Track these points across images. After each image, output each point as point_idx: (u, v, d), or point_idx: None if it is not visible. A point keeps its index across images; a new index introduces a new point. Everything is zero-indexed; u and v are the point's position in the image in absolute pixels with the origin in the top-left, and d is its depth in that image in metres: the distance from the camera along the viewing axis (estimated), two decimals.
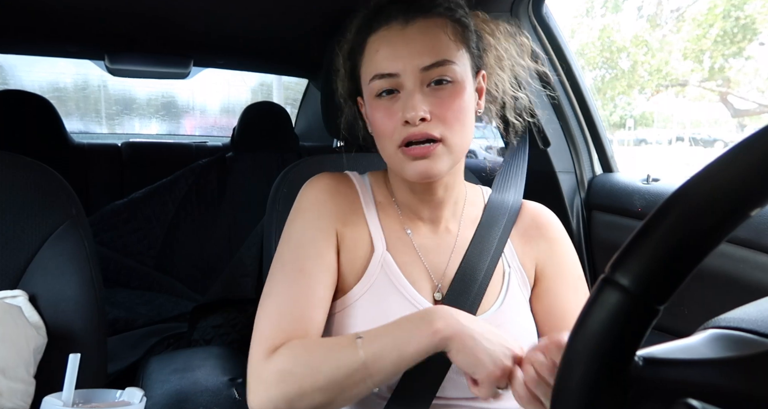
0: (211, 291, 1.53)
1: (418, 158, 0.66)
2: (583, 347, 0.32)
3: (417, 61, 0.65)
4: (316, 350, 0.62)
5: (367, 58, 0.69)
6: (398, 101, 0.66)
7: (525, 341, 0.71)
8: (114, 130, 3.47)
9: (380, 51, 0.67)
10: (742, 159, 0.29)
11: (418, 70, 0.65)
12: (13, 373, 0.76)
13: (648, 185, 1.21)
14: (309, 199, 0.75)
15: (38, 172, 0.93)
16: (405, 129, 0.65)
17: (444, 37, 0.66)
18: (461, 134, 0.67)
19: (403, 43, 0.66)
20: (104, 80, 3.33)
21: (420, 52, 0.65)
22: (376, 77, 0.67)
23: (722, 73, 8.68)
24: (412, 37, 0.65)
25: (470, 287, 0.72)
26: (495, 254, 0.76)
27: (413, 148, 0.65)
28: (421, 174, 0.66)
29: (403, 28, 0.66)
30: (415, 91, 0.65)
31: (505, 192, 0.85)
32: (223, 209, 2.17)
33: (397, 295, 0.71)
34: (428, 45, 0.65)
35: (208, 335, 1.42)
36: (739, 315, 0.37)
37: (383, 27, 0.67)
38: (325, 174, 0.78)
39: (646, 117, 10.93)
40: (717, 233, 0.29)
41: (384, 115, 0.67)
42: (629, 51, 9.48)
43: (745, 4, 7.77)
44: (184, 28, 1.77)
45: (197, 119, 3.70)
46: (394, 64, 0.65)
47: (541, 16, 1.32)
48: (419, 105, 0.64)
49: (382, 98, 0.67)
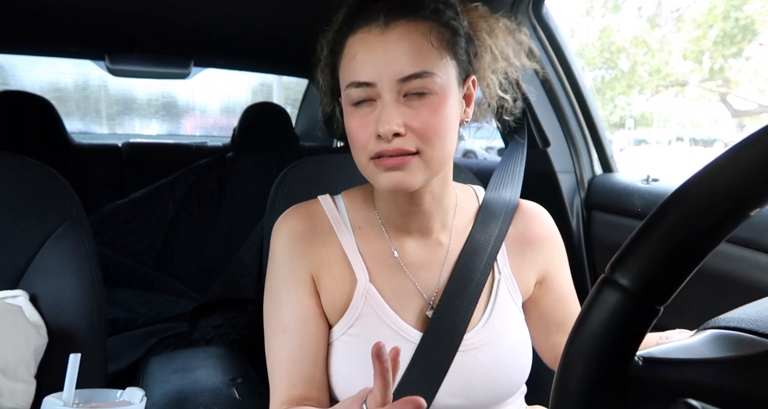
0: (211, 291, 1.53)
1: (390, 169, 0.62)
2: (583, 347, 0.32)
3: (395, 71, 0.60)
4: None
5: (344, 62, 0.64)
6: (374, 111, 0.62)
7: (518, 350, 0.72)
8: (114, 131, 3.47)
9: (357, 56, 0.62)
10: (742, 159, 0.29)
11: (395, 80, 0.60)
12: (13, 373, 0.76)
13: (648, 185, 1.21)
14: (279, 247, 0.72)
15: (38, 172, 0.93)
16: (378, 143, 0.61)
17: (426, 45, 0.61)
18: (440, 147, 0.63)
19: (381, 49, 0.60)
20: (104, 80, 3.33)
21: (399, 61, 0.60)
22: (352, 85, 0.62)
23: (722, 74, 8.68)
24: (392, 43, 0.60)
25: (461, 300, 0.70)
26: (488, 260, 0.73)
27: (384, 159, 0.61)
28: (394, 185, 0.62)
29: (383, 33, 0.61)
30: (391, 103, 0.60)
31: (501, 191, 0.83)
32: (223, 209, 2.17)
33: (383, 327, 0.69)
34: (408, 53, 0.60)
35: (208, 335, 1.42)
36: (739, 315, 0.37)
37: (363, 28, 0.62)
38: (292, 211, 0.74)
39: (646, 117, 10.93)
40: (717, 233, 0.29)
41: (358, 125, 0.63)
42: (629, 51, 9.48)
43: (744, 5, 7.77)
44: (184, 28, 1.77)
45: (197, 119, 3.70)
46: (371, 73, 0.60)
47: (541, 16, 1.32)
48: (393, 119, 0.59)
49: (358, 107, 0.63)
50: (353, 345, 0.69)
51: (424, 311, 0.71)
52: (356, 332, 0.69)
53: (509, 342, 0.72)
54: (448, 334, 0.69)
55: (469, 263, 0.72)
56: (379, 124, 0.60)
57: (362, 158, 0.65)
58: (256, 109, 2.25)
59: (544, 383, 1.04)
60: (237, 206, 2.17)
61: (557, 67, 1.35)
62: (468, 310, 0.70)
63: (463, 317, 0.70)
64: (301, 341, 0.69)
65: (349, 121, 0.64)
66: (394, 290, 0.71)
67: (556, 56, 1.35)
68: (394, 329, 0.69)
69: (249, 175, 2.20)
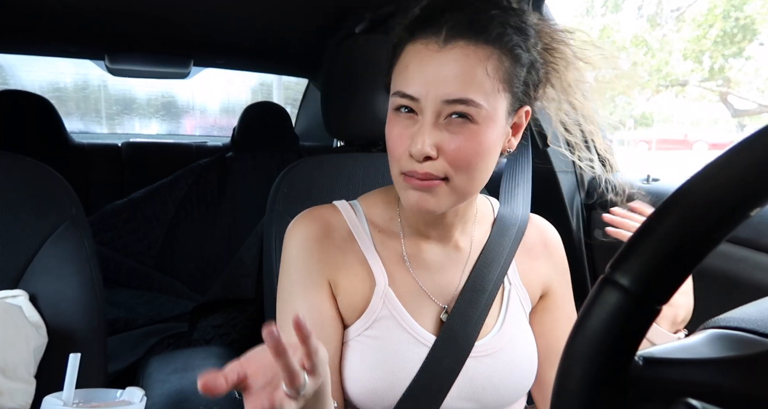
0: (211, 291, 1.53)
1: (416, 189, 0.62)
2: (583, 346, 0.32)
3: (441, 92, 0.58)
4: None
5: (398, 68, 0.64)
6: (414, 125, 0.61)
7: (527, 357, 0.73)
8: (114, 130, 3.47)
9: (409, 68, 0.61)
10: (742, 159, 0.29)
11: (440, 101, 0.59)
12: (13, 373, 0.76)
13: (648, 185, 1.21)
14: (294, 251, 0.71)
15: (38, 172, 0.93)
16: (410, 161, 0.61)
17: (481, 72, 0.58)
18: (469, 177, 0.62)
19: (434, 67, 0.59)
20: (104, 80, 3.33)
21: (447, 82, 0.58)
22: (398, 94, 0.62)
23: (722, 73, 8.68)
24: (446, 63, 0.58)
25: (476, 305, 0.71)
26: (501, 271, 0.73)
27: (412, 179, 0.61)
28: (415, 206, 0.63)
29: (440, 50, 0.59)
30: (430, 123, 0.59)
31: (512, 204, 0.83)
32: (223, 209, 2.17)
33: (399, 330, 0.69)
34: (460, 77, 0.58)
35: (208, 335, 1.42)
36: (739, 315, 0.37)
37: (421, 40, 0.61)
38: (308, 215, 0.73)
39: (646, 117, 10.93)
40: (717, 232, 0.29)
41: (397, 135, 0.63)
42: (629, 51, 9.48)
43: (744, 5, 7.77)
44: (184, 28, 1.77)
45: (197, 119, 3.70)
46: (418, 89, 0.60)
47: (541, 16, 1.32)
48: (427, 140, 0.59)
49: (400, 115, 0.63)
50: (368, 346, 0.69)
51: (438, 315, 0.72)
52: (373, 334, 0.69)
53: (519, 350, 0.72)
54: (460, 339, 0.69)
55: (484, 272, 0.73)
56: (413, 143, 0.60)
57: (395, 170, 0.65)
58: (256, 109, 2.25)
59: None
60: (237, 205, 2.17)
61: None
62: (481, 317, 0.71)
63: (475, 324, 0.70)
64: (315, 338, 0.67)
65: (390, 128, 0.64)
66: (411, 293, 0.72)
67: None
68: (410, 332, 0.70)
69: (249, 175, 2.20)
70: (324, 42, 1.76)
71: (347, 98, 1.00)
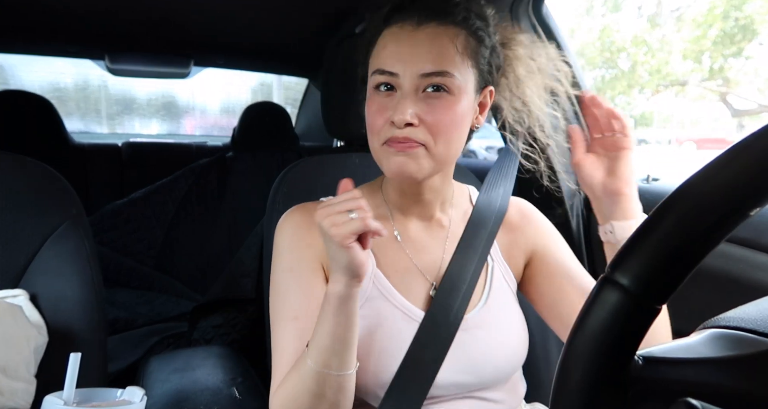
0: (211, 291, 1.53)
1: (399, 153, 0.67)
2: (583, 346, 0.32)
3: (418, 67, 0.65)
4: (287, 386, 0.66)
5: (375, 51, 0.70)
6: (392, 99, 0.67)
7: (515, 330, 0.77)
8: (114, 130, 3.47)
9: (387, 47, 0.68)
10: (742, 159, 0.29)
11: (417, 75, 0.66)
12: (13, 372, 0.76)
13: (648, 185, 1.21)
14: (285, 240, 0.75)
15: (38, 172, 0.93)
16: (390, 129, 0.67)
17: (451, 49, 0.66)
18: (446, 146, 0.68)
19: (409, 45, 0.66)
20: (104, 80, 3.33)
21: (423, 58, 0.65)
22: (378, 72, 0.68)
23: (722, 73, 8.69)
24: (420, 40, 0.66)
25: (463, 278, 0.75)
26: (482, 253, 0.78)
27: (394, 144, 0.67)
28: (397, 171, 0.68)
29: (414, 30, 0.67)
30: (409, 95, 0.66)
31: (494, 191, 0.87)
32: (223, 209, 2.17)
33: (390, 307, 0.73)
34: (433, 53, 0.66)
35: (208, 334, 1.42)
36: (739, 315, 0.37)
37: (397, 24, 0.68)
38: (295, 208, 0.78)
39: (646, 117, 10.94)
40: (717, 232, 0.29)
41: (376, 110, 0.68)
42: (629, 51, 9.48)
43: (744, 5, 7.77)
44: (184, 28, 1.77)
45: (197, 119, 3.70)
46: (396, 65, 0.66)
47: (540, 15, 1.32)
48: (408, 109, 0.65)
49: (379, 92, 0.69)
50: (361, 327, 0.70)
51: (427, 291, 0.76)
52: (364, 314, 0.72)
53: (506, 323, 0.77)
54: (450, 312, 0.72)
55: (466, 251, 0.77)
56: (395, 112, 0.65)
57: (375, 143, 0.70)
58: (256, 109, 2.25)
59: (543, 383, 1.04)
60: (237, 205, 2.17)
61: None
62: (468, 291, 0.75)
63: (464, 297, 0.74)
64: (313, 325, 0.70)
65: (369, 105, 0.70)
66: (399, 272, 0.76)
67: None
68: (400, 309, 0.73)
69: (249, 175, 2.20)
70: (324, 42, 1.76)
71: (347, 98, 1.00)
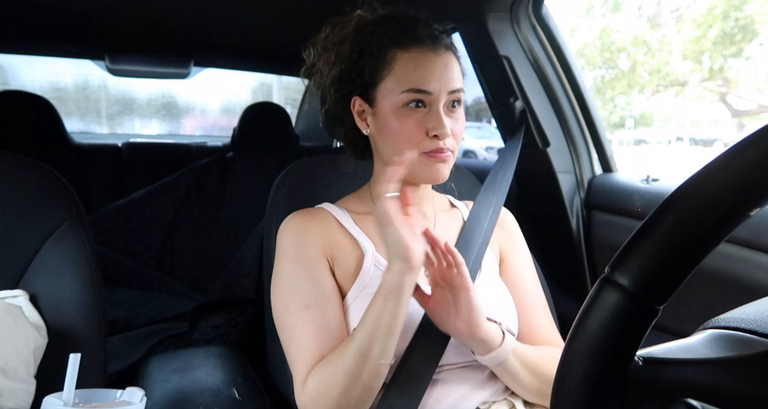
0: (211, 292, 1.53)
1: (439, 162, 0.77)
2: (583, 347, 0.32)
3: (448, 86, 0.76)
4: (327, 366, 0.71)
5: (399, 71, 0.77)
6: (424, 115, 0.76)
7: (504, 311, 0.83)
8: (114, 131, 3.47)
9: (418, 70, 0.76)
10: (742, 159, 0.29)
11: (447, 92, 0.76)
12: (13, 373, 0.76)
13: (648, 185, 1.21)
14: (288, 239, 0.82)
15: (38, 172, 0.93)
16: (433, 141, 0.76)
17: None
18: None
19: (439, 68, 0.76)
20: (105, 80, 3.34)
21: (450, 78, 0.77)
22: (411, 91, 0.75)
23: (722, 74, 8.69)
24: (444, 64, 0.77)
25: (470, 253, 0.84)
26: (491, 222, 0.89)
27: (438, 155, 0.77)
28: (437, 176, 0.78)
29: (436, 55, 0.77)
30: (442, 111, 0.76)
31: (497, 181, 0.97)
32: (223, 209, 2.17)
33: None
34: (453, 72, 0.78)
35: (208, 335, 1.42)
36: (739, 315, 0.37)
37: (416, 47, 0.76)
38: (296, 213, 0.85)
39: (646, 117, 10.93)
40: (716, 232, 0.29)
41: (412, 125, 0.76)
42: (629, 51, 9.48)
43: (744, 5, 7.77)
44: (184, 28, 1.77)
45: (197, 119, 3.70)
46: (432, 85, 0.75)
47: (540, 15, 1.32)
48: (447, 124, 0.75)
49: (410, 108, 0.76)
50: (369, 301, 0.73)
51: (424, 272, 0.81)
52: (371, 292, 0.74)
53: (497, 294, 0.85)
54: None
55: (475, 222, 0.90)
56: (437, 127, 0.75)
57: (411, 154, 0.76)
58: (256, 109, 2.25)
59: None
60: (237, 205, 2.17)
61: (557, 67, 1.35)
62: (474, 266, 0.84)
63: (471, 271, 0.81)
64: (327, 311, 0.76)
65: (403, 120, 0.77)
66: None
67: (556, 56, 1.35)
68: None
69: (249, 175, 2.20)
70: None
71: None
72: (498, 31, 1.32)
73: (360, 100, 0.81)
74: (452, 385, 0.77)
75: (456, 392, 0.77)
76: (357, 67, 0.79)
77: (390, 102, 0.77)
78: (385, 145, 0.80)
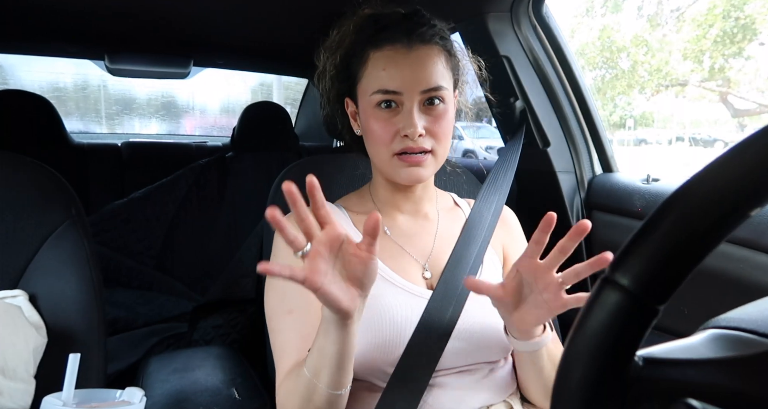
0: (211, 292, 1.53)
1: (412, 165, 0.76)
2: (583, 346, 0.32)
3: (419, 85, 0.74)
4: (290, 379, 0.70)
5: (370, 72, 0.76)
6: (397, 115, 0.75)
7: None
8: (114, 130, 3.47)
9: (387, 69, 0.74)
10: (742, 159, 0.29)
11: (418, 92, 0.74)
12: (13, 373, 0.76)
13: (648, 185, 1.21)
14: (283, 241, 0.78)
15: (38, 172, 0.93)
16: (403, 141, 0.75)
17: (439, 65, 0.76)
18: (445, 146, 0.78)
19: (408, 66, 0.74)
20: (104, 80, 3.34)
21: (421, 77, 0.74)
22: (380, 92, 0.74)
23: (722, 73, 8.68)
24: (416, 61, 0.74)
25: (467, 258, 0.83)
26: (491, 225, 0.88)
27: (409, 157, 0.75)
28: (412, 178, 0.77)
29: (408, 52, 0.74)
30: (414, 110, 0.74)
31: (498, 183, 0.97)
32: (223, 209, 2.17)
33: (390, 286, 0.78)
34: (428, 71, 0.74)
35: (208, 335, 1.42)
36: (739, 315, 0.37)
37: (388, 46, 0.75)
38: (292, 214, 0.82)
39: (646, 117, 10.93)
40: (717, 232, 0.29)
41: (383, 126, 0.75)
42: (629, 51, 9.48)
43: (744, 5, 7.77)
44: (184, 28, 1.77)
45: (197, 119, 3.70)
46: (399, 85, 0.74)
47: (541, 15, 1.32)
48: (418, 122, 0.73)
49: (381, 109, 0.75)
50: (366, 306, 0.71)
51: (421, 272, 0.82)
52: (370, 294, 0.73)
53: None
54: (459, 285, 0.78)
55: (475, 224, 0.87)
56: (406, 126, 0.73)
57: (385, 154, 0.77)
58: (256, 109, 2.25)
59: None
60: (237, 206, 2.17)
61: (557, 67, 1.35)
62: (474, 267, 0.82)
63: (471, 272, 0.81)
64: (308, 317, 0.74)
65: (372, 121, 0.76)
66: (394, 257, 0.82)
67: (556, 56, 1.35)
68: (401, 287, 0.78)
69: (249, 175, 2.20)
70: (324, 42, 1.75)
71: None
72: (498, 31, 1.31)
73: (350, 101, 0.82)
74: (451, 388, 0.77)
75: (454, 395, 0.76)
76: (347, 69, 0.79)
77: (365, 103, 0.77)
78: (368, 145, 0.80)
